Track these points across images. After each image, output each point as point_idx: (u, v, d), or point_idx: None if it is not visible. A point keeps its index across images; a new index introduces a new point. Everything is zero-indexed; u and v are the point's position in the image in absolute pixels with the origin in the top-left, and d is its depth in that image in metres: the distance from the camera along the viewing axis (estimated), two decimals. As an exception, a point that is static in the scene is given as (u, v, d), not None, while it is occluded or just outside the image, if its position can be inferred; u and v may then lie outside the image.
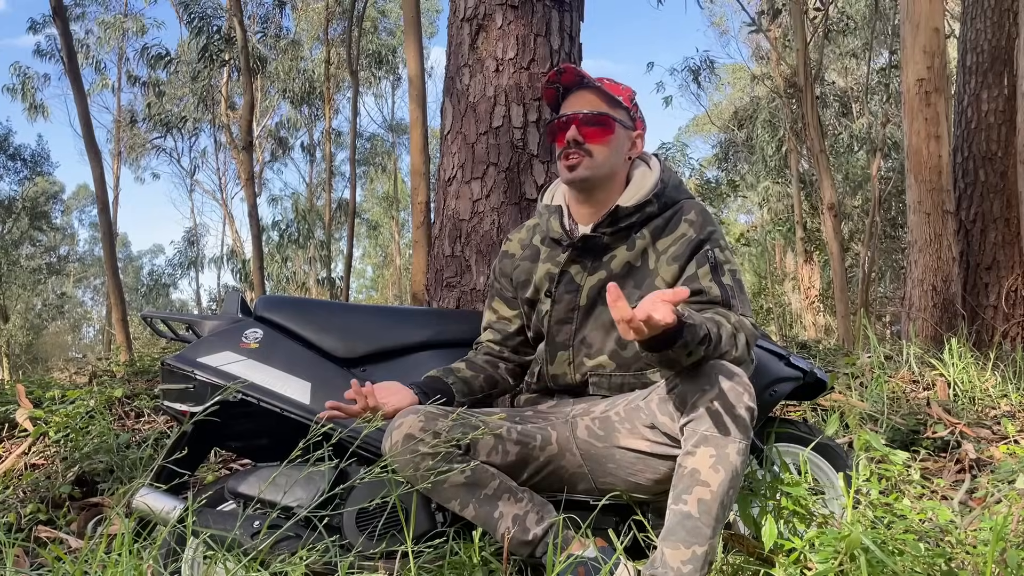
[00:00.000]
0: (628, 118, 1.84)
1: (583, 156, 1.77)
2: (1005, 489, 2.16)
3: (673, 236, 1.77)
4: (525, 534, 1.64)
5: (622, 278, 1.78)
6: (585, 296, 1.80)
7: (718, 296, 1.69)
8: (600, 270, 1.80)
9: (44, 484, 2.55)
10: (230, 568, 1.47)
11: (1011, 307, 5.60)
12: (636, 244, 1.79)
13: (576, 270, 1.82)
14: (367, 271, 36.75)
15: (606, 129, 1.79)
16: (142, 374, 3.94)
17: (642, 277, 1.78)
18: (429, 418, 1.64)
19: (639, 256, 1.78)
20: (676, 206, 1.82)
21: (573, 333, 1.82)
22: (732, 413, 1.48)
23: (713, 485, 1.47)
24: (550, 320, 1.84)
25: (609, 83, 1.84)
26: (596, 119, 1.78)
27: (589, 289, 1.80)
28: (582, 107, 1.80)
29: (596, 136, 1.78)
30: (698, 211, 1.80)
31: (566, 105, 1.84)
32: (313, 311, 1.99)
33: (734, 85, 25.15)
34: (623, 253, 1.79)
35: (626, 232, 1.80)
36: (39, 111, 18.97)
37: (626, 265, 1.79)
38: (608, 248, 1.80)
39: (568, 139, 1.77)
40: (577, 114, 1.78)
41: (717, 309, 1.68)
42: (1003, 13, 5.86)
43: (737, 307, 1.69)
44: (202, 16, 13.83)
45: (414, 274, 5.96)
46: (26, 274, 25.66)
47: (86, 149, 8.96)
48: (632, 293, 1.77)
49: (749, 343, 1.66)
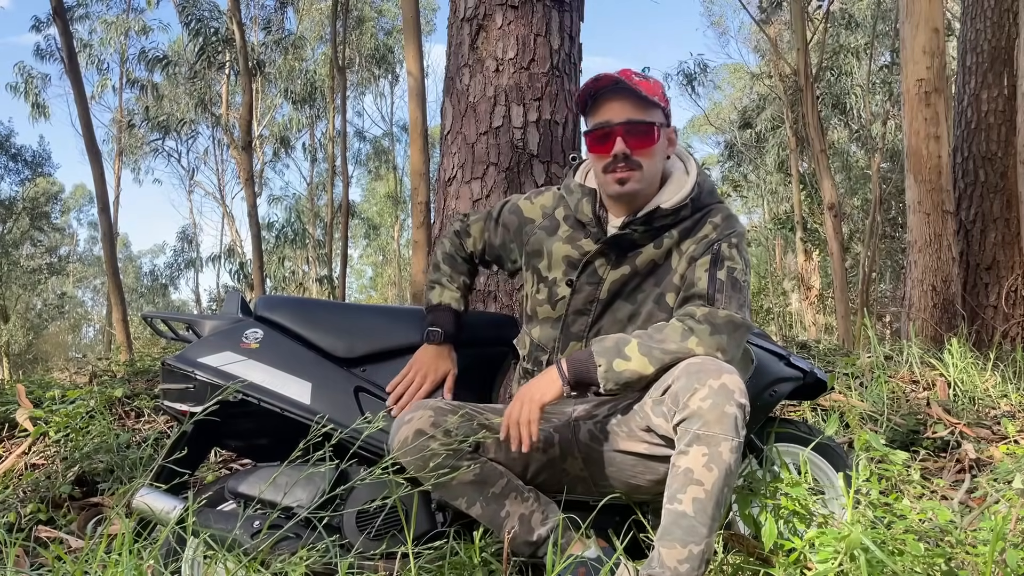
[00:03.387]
0: (664, 116, 1.76)
1: (633, 170, 1.70)
2: (1005, 489, 2.16)
3: (696, 237, 1.75)
4: (530, 534, 1.64)
5: (645, 276, 1.77)
6: (606, 290, 1.78)
7: (703, 290, 1.66)
8: (624, 265, 1.77)
9: (44, 484, 2.55)
10: (230, 568, 1.47)
11: (1011, 307, 5.60)
12: (664, 243, 1.76)
13: (600, 263, 1.78)
14: (366, 271, 36.76)
15: (651, 138, 1.70)
16: (142, 374, 3.94)
17: (663, 275, 1.76)
18: (439, 414, 1.64)
19: (664, 255, 1.76)
20: (705, 210, 1.79)
21: (589, 325, 1.79)
22: (724, 412, 1.47)
23: (707, 484, 1.47)
24: (567, 308, 1.81)
25: (640, 80, 1.73)
26: (641, 129, 1.69)
27: (611, 283, 1.77)
28: (621, 115, 1.69)
29: (642, 146, 1.70)
30: (724, 215, 1.77)
31: (602, 112, 1.72)
32: (313, 311, 1.99)
33: (734, 85, 25.15)
34: (650, 251, 1.76)
35: (657, 231, 1.76)
36: (40, 111, 18.95)
37: (651, 263, 1.76)
38: (636, 244, 1.77)
39: (616, 153, 1.68)
40: (621, 124, 1.69)
41: (687, 307, 1.66)
42: (1003, 13, 5.86)
43: (721, 302, 1.64)
44: (199, 18, 13.84)
45: (414, 274, 5.96)
46: (26, 274, 25.64)
47: (86, 149, 8.96)
48: (651, 291, 1.76)
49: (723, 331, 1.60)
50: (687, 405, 1.50)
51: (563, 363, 1.63)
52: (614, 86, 1.71)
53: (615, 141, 1.68)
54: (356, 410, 1.83)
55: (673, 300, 1.74)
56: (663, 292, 1.75)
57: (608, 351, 1.60)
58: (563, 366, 1.63)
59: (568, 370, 1.62)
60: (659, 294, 1.75)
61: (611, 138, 1.69)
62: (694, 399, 1.49)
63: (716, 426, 1.47)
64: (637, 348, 1.59)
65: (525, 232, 1.90)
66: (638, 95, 1.70)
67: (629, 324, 1.77)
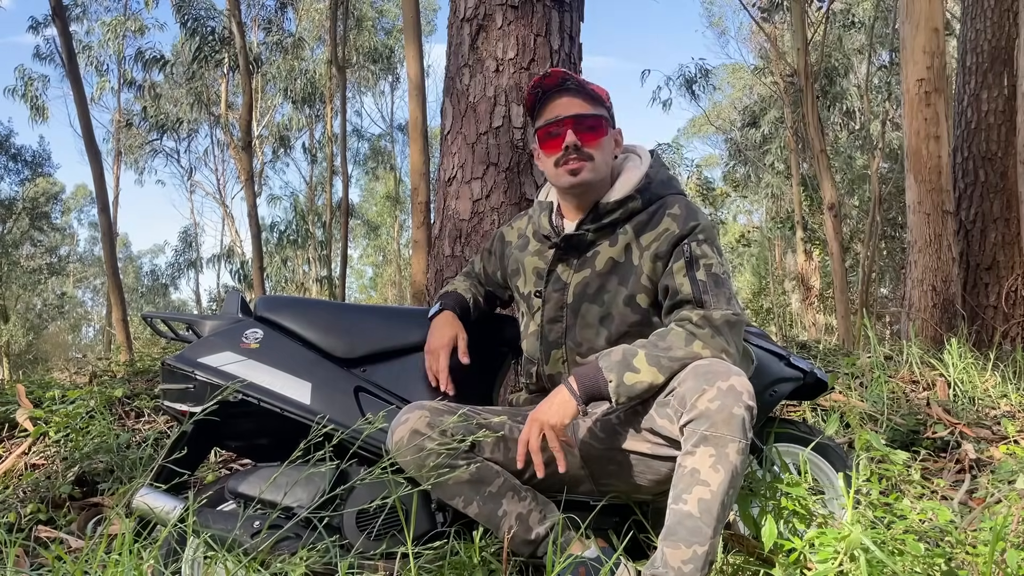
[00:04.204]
0: (610, 116, 1.83)
1: (584, 160, 1.74)
2: (1005, 489, 2.16)
3: (656, 232, 1.75)
4: (528, 533, 1.64)
5: (606, 275, 1.77)
6: (572, 294, 1.79)
7: (689, 294, 1.66)
8: (585, 267, 1.79)
9: (44, 484, 2.55)
10: (230, 568, 1.47)
11: (1011, 307, 5.60)
12: (619, 240, 1.77)
13: (563, 268, 1.81)
14: (366, 271, 36.76)
15: (601, 130, 1.77)
16: (142, 374, 3.94)
17: (626, 273, 1.76)
18: (435, 414, 1.65)
19: (623, 252, 1.77)
20: (660, 201, 1.79)
21: (564, 332, 1.81)
22: (732, 413, 1.47)
23: (713, 485, 1.47)
24: (542, 319, 1.83)
25: (588, 83, 1.81)
26: (591, 122, 1.76)
27: (575, 287, 1.79)
28: (571, 110, 1.76)
29: (592, 139, 1.76)
30: (682, 205, 1.77)
31: (551, 109, 1.78)
32: (313, 311, 1.99)
33: (734, 85, 25.15)
34: (607, 249, 1.78)
35: (610, 228, 1.78)
36: (40, 113, 18.94)
37: (610, 261, 1.77)
38: (592, 245, 1.79)
39: (567, 145, 1.74)
40: (572, 117, 1.75)
41: (680, 312, 1.66)
42: (1003, 13, 5.86)
43: (710, 303, 1.64)
44: (196, 17, 13.82)
45: (414, 274, 5.96)
46: (26, 274, 25.65)
47: (86, 149, 8.95)
48: (618, 290, 1.76)
49: (723, 332, 1.61)
50: (695, 406, 1.50)
51: (572, 382, 1.62)
52: (561, 84, 1.79)
53: (566, 134, 1.74)
54: (356, 410, 1.83)
55: (645, 302, 1.75)
56: (632, 293, 1.75)
57: (617, 366, 1.59)
58: (573, 385, 1.61)
59: (579, 388, 1.61)
60: (628, 296, 1.75)
61: (562, 131, 1.75)
62: (702, 400, 1.49)
63: (724, 427, 1.47)
64: (645, 359, 1.58)
65: (506, 255, 1.99)
66: (585, 91, 1.78)
67: (602, 327, 1.77)
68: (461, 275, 2.17)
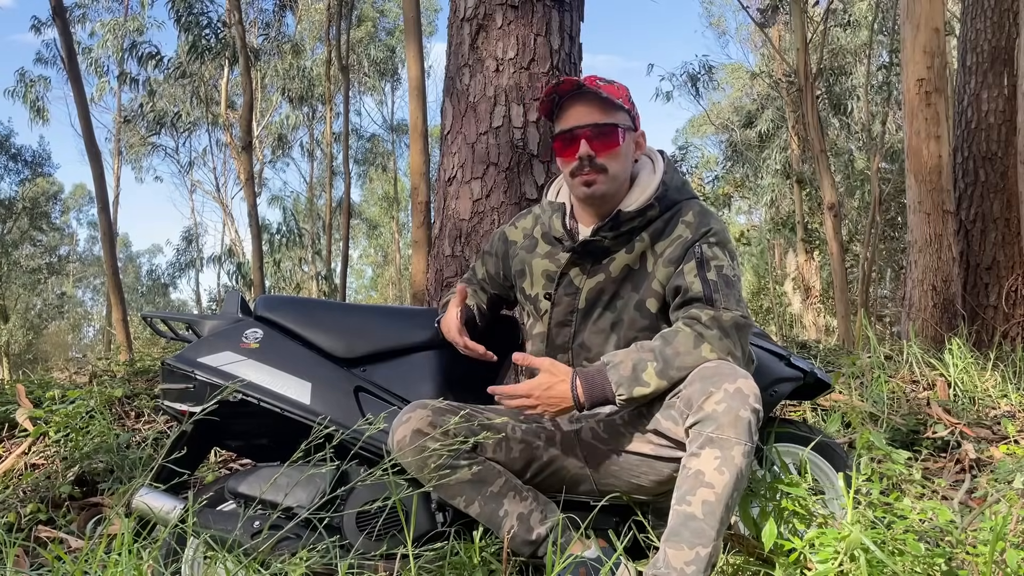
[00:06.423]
0: (629, 119, 1.78)
1: (598, 172, 1.72)
2: (1005, 489, 2.16)
3: (671, 239, 1.75)
4: (529, 533, 1.64)
5: (621, 281, 1.77)
6: (584, 299, 1.79)
7: (699, 293, 1.65)
8: (599, 273, 1.78)
9: (44, 484, 2.55)
10: (230, 568, 1.47)
11: (1011, 307, 5.60)
12: (636, 247, 1.76)
13: (575, 272, 1.80)
14: (366, 271, 36.75)
15: (615, 141, 1.73)
16: (142, 374, 3.94)
17: (640, 280, 1.76)
18: (437, 413, 1.64)
19: (638, 259, 1.77)
20: (676, 207, 1.79)
21: (572, 336, 1.81)
22: (738, 416, 1.47)
23: (718, 487, 1.46)
24: (550, 322, 1.83)
25: (605, 85, 1.76)
26: (605, 132, 1.72)
27: (588, 292, 1.78)
28: (586, 119, 1.72)
29: (607, 149, 1.72)
30: (696, 212, 1.77)
31: (567, 117, 1.76)
32: (313, 311, 1.99)
33: (733, 85, 25.14)
34: (623, 256, 1.77)
35: (627, 236, 1.77)
36: (40, 115, 18.94)
37: (625, 268, 1.77)
38: (608, 251, 1.78)
39: (580, 156, 1.71)
40: (585, 128, 1.71)
41: (690, 310, 1.65)
42: (1003, 13, 5.86)
43: (720, 302, 1.64)
44: (190, 12, 13.72)
45: (414, 274, 5.96)
46: (26, 274, 25.65)
47: (86, 149, 8.95)
48: (631, 297, 1.76)
49: (731, 334, 1.61)
50: (701, 408, 1.49)
51: (578, 386, 1.61)
52: (577, 90, 1.75)
53: (580, 144, 1.71)
54: (356, 410, 1.83)
55: (655, 307, 1.74)
56: (643, 299, 1.74)
57: (627, 380, 1.58)
58: (578, 390, 1.60)
59: (584, 395, 1.60)
60: (639, 301, 1.75)
61: (576, 142, 1.72)
62: (708, 402, 1.49)
63: (730, 430, 1.47)
64: (655, 373, 1.58)
65: (510, 255, 1.96)
66: (601, 98, 1.73)
67: (612, 333, 1.77)
68: (461, 283, 2.13)
